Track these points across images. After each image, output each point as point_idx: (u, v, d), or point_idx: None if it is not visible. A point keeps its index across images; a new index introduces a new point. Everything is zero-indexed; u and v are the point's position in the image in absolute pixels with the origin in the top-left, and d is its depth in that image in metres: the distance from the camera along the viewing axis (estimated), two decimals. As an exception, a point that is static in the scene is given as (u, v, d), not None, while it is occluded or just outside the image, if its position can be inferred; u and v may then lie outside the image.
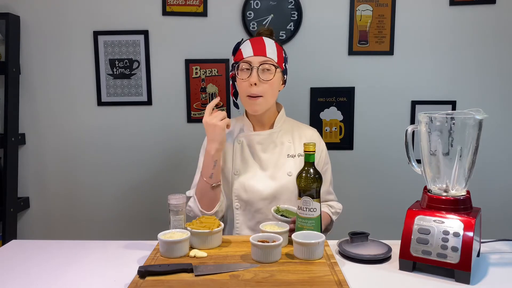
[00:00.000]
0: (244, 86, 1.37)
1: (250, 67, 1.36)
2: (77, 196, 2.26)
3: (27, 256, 1.20)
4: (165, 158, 2.24)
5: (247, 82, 1.36)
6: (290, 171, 1.43)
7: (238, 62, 1.39)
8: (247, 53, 1.37)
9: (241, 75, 1.37)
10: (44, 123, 2.22)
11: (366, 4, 2.13)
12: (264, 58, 1.36)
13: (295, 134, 1.49)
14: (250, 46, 1.38)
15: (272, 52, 1.38)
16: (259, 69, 1.35)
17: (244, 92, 1.38)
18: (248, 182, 1.41)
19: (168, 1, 2.14)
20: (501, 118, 2.18)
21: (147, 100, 2.20)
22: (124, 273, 1.06)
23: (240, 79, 1.38)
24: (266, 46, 1.38)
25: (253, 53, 1.36)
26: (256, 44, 1.38)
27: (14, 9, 2.14)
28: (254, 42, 1.39)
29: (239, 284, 0.97)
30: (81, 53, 2.18)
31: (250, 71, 1.36)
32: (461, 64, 2.17)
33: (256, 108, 1.39)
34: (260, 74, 1.35)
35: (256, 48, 1.37)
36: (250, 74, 1.35)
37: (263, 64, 1.36)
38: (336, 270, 1.04)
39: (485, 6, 2.12)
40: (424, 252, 1.04)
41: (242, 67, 1.37)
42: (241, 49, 1.40)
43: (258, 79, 1.35)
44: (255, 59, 1.36)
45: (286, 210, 1.35)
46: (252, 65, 1.35)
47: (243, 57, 1.37)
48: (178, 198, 1.24)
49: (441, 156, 1.10)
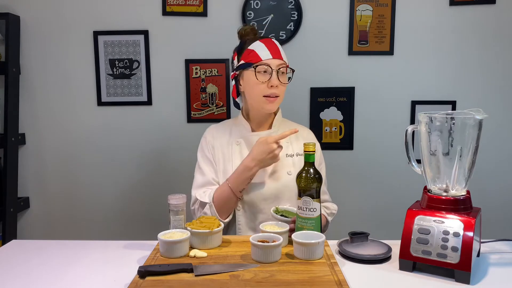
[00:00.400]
0: (261, 88, 1.38)
1: (270, 69, 1.38)
2: (77, 196, 2.26)
3: (27, 256, 1.20)
4: (165, 158, 2.24)
5: (265, 83, 1.38)
6: (289, 170, 1.44)
7: (254, 63, 1.38)
8: (265, 55, 1.38)
9: (260, 77, 1.38)
10: (44, 123, 2.22)
11: (366, 4, 2.13)
12: (281, 62, 1.39)
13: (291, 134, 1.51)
14: (265, 48, 1.39)
15: (284, 55, 1.43)
16: (278, 72, 1.38)
17: (261, 92, 1.39)
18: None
19: (168, 1, 2.14)
20: (501, 118, 2.18)
21: (147, 100, 2.20)
22: (124, 273, 1.06)
23: (259, 81, 1.38)
24: (280, 49, 1.42)
25: (272, 56, 1.38)
26: (271, 46, 1.40)
27: (14, 9, 2.14)
28: (268, 44, 1.41)
29: (239, 284, 0.97)
30: (81, 53, 2.18)
31: (270, 74, 1.37)
32: (461, 64, 2.17)
33: (273, 107, 1.42)
34: (279, 77, 1.39)
35: (273, 51, 1.39)
36: (271, 77, 1.37)
37: (280, 67, 1.39)
38: (336, 270, 1.04)
39: (485, 6, 2.12)
40: (424, 252, 1.04)
41: (261, 69, 1.38)
42: (253, 50, 1.40)
43: (278, 82, 1.38)
44: (274, 62, 1.38)
45: (285, 211, 1.36)
46: (272, 68, 1.38)
47: (261, 59, 1.38)
48: (178, 198, 1.24)
49: (441, 156, 1.10)
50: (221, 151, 1.48)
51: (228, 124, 1.55)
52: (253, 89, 1.40)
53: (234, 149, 1.47)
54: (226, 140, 1.49)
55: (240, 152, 1.46)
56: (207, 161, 1.48)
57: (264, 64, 1.37)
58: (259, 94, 1.39)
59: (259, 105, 1.42)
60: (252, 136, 1.45)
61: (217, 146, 1.49)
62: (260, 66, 1.38)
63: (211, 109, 2.21)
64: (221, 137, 1.50)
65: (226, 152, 1.47)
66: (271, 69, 1.37)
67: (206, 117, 2.21)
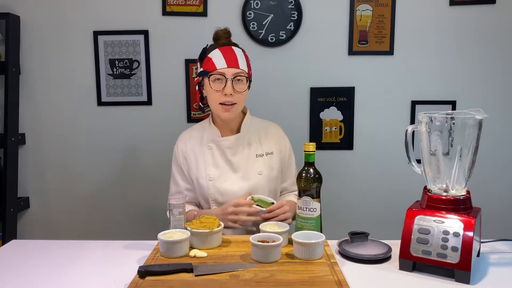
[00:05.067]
0: (217, 95, 1.41)
1: (224, 78, 1.39)
2: (77, 196, 2.26)
3: (27, 256, 1.20)
4: (165, 158, 2.23)
5: (221, 92, 1.40)
6: (260, 170, 1.48)
7: (209, 72, 1.41)
8: (220, 64, 1.40)
9: (215, 86, 1.41)
10: (44, 123, 2.22)
11: (366, 4, 2.13)
12: (238, 70, 1.41)
13: (261, 133, 1.55)
14: (222, 57, 1.41)
15: (243, 63, 1.43)
16: (233, 80, 1.40)
17: (217, 100, 1.42)
18: (223, 185, 1.46)
19: (168, 1, 2.14)
20: (501, 118, 2.18)
21: (147, 100, 2.20)
22: (124, 273, 1.06)
23: (213, 89, 1.41)
24: (238, 57, 1.42)
25: (227, 65, 1.40)
26: (228, 55, 1.41)
27: (14, 9, 2.14)
28: (225, 52, 1.42)
29: (239, 284, 0.98)
30: (81, 53, 2.18)
31: (225, 82, 1.39)
32: (461, 64, 2.17)
33: (229, 115, 1.45)
34: (234, 85, 1.40)
35: (228, 59, 1.40)
36: (225, 85, 1.39)
37: (236, 76, 1.40)
38: (336, 270, 1.04)
39: (485, 6, 2.12)
40: (424, 252, 1.04)
41: (215, 78, 1.41)
42: (211, 58, 1.42)
43: (232, 90, 1.40)
44: (229, 71, 1.40)
45: (260, 200, 1.38)
46: (226, 76, 1.40)
47: (215, 68, 1.40)
48: (178, 198, 1.24)
49: (441, 156, 1.10)
50: (194, 157, 1.52)
51: (199, 128, 1.59)
52: (210, 97, 1.45)
53: (206, 154, 1.50)
54: (199, 144, 1.53)
55: (212, 156, 1.50)
56: (179, 170, 1.55)
57: (218, 73, 1.40)
58: (216, 101, 1.43)
59: (216, 112, 1.47)
60: (222, 141, 1.50)
61: (189, 152, 1.53)
62: (214, 75, 1.40)
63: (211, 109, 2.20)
64: (193, 142, 1.54)
65: (200, 157, 1.51)
66: (225, 78, 1.39)
67: (206, 117, 2.20)
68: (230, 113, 1.44)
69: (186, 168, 1.53)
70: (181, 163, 1.54)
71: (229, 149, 1.49)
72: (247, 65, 1.46)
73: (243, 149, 1.50)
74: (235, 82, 1.40)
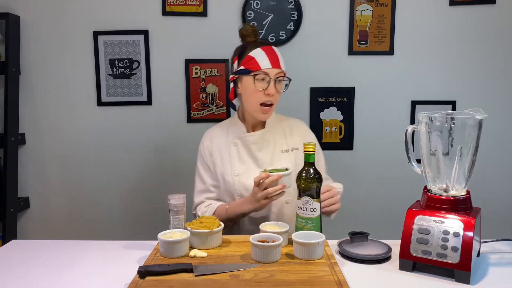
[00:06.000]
0: (258, 95, 1.42)
1: (269, 78, 1.40)
2: (77, 196, 2.26)
3: (27, 256, 1.20)
4: (165, 158, 2.24)
5: (262, 91, 1.41)
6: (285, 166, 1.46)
7: (253, 71, 1.41)
8: (265, 64, 1.40)
9: (259, 85, 1.41)
10: (44, 123, 2.22)
11: (366, 4, 2.13)
12: (279, 70, 1.42)
13: (286, 129, 1.55)
14: (266, 56, 1.41)
15: (282, 63, 1.45)
16: (276, 80, 1.42)
17: (258, 100, 1.43)
18: (248, 181, 1.45)
19: (168, 1, 2.14)
20: (501, 118, 2.18)
21: (147, 100, 2.20)
22: (124, 273, 1.06)
23: (256, 89, 1.41)
24: (279, 57, 1.44)
25: (271, 66, 1.40)
26: (271, 55, 1.42)
27: (14, 9, 2.14)
28: (268, 52, 1.42)
29: (239, 284, 0.97)
30: (81, 53, 2.18)
31: (268, 82, 1.40)
32: (461, 64, 2.17)
33: (267, 116, 1.47)
34: (276, 85, 1.42)
35: (272, 60, 1.42)
36: (269, 85, 1.40)
37: (278, 76, 1.42)
38: (336, 270, 1.04)
39: (485, 6, 2.12)
40: (424, 252, 1.04)
41: (259, 77, 1.41)
42: (254, 57, 1.42)
43: (275, 90, 1.41)
44: (273, 71, 1.41)
45: (274, 169, 1.36)
46: (270, 76, 1.41)
47: (260, 68, 1.40)
48: (178, 198, 1.24)
49: (441, 156, 1.10)
50: (219, 154, 1.51)
51: (225, 125, 1.58)
52: (250, 96, 1.44)
53: (232, 150, 1.50)
54: (224, 141, 1.53)
55: (238, 152, 1.50)
56: (205, 167, 1.54)
57: (263, 73, 1.40)
58: (256, 101, 1.43)
59: (254, 112, 1.47)
60: (247, 137, 1.49)
61: (215, 149, 1.53)
62: (259, 75, 1.41)
63: (211, 109, 2.21)
64: (218, 139, 1.54)
65: (225, 153, 1.51)
66: (269, 78, 1.40)
67: (206, 117, 2.21)
68: (268, 115, 1.46)
69: (212, 165, 1.52)
70: (207, 160, 1.53)
71: (254, 144, 1.49)
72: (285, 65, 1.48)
73: (268, 144, 1.50)
74: (276, 83, 1.42)
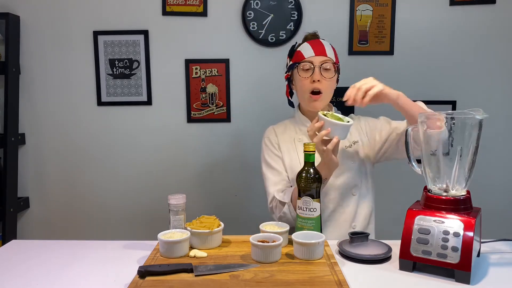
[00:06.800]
0: (306, 84, 1.43)
1: (312, 66, 1.42)
2: (77, 196, 2.26)
3: (27, 256, 1.20)
4: (165, 158, 2.24)
5: (309, 79, 1.42)
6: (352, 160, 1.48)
7: (298, 62, 1.44)
8: (308, 53, 1.44)
9: (303, 74, 1.44)
10: (44, 123, 2.22)
11: (366, 4, 2.13)
12: (325, 58, 1.44)
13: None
14: (310, 47, 1.45)
15: (331, 52, 1.46)
16: (321, 67, 1.42)
17: (307, 89, 1.43)
18: None
19: (168, 1, 2.14)
20: (502, 118, 2.18)
21: (147, 100, 2.20)
22: (124, 273, 1.06)
23: (302, 78, 1.43)
24: (325, 47, 1.46)
25: (315, 53, 1.43)
26: (315, 45, 1.46)
27: (14, 9, 2.14)
28: (313, 43, 1.46)
29: (239, 284, 0.97)
30: (81, 53, 2.18)
31: (312, 70, 1.42)
32: (461, 64, 2.17)
33: (317, 104, 1.44)
34: (322, 72, 1.42)
35: (316, 48, 1.44)
36: (313, 72, 1.41)
37: (324, 63, 1.43)
38: (336, 270, 1.04)
39: (485, 6, 2.12)
40: (424, 252, 1.04)
41: (304, 67, 1.44)
42: (300, 51, 1.46)
43: (320, 77, 1.41)
44: (317, 59, 1.43)
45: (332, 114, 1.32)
46: (314, 64, 1.42)
47: (304, 57, 1.44)
48: (178, 198, 1.24)
49: (441, 156, 1.10)
50: (286, 148, 1.52)
51: (286, 123, 1.58)
52: (299, 87, 1.46)
53: (298, 145, 1.50)
54: (288, 137, 1.53)
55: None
56: (276, 159, 1.52)
57: (306, 62, 1.43)
58: (305, 91, 1.44)
59: (306, 103, 1.47)
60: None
61: (281, 143, 1.53)
62: (302, 64, 1.44)
63: (211, 109, 2.21)
64: (283, 134, 1.54)
65: (291, 148, 1.51)
66: (313, 66, 1.42)
67: (206, 117, 2.21)
68: (319, 103, 1.44)
69: (282, 156, 1.51)
70: (277, 152, 1.52)
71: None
72: (335, 55, 1.48)
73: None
74: (322, 70, 1.42)
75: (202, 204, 2.23)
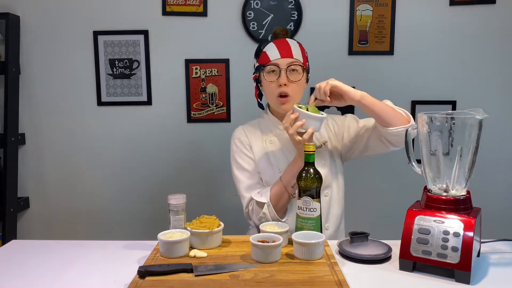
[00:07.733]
0: (273, 87, 1.40)
1: (278, 69, 1.38)
2: (77, 196, 2.26)
3: (27, 256, 1.20)
4: (165, 158, 2.24)
5: (276, 83, 1.39)
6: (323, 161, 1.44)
7: (264, 65, 1.40)
8: (274, 55, 1.39)
9: (269, 77, 1.40)
10: (44, 123, 2.22)
11: (366, 4, 2.13)
12: (291, 60, 1.39)
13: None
14: (276, 49, 1.40)
15: (297, 53, 1.41)
16: (287, 70, 1.38)
17: (274, 93, 1.40)
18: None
19: (168, 1, 2.14)
20: (501, 118, 2.18)
21: (147, 100, 2.20)
22: (124, 273, 1.06)
23: (268, 81, 1.40)
24: (292, 47, 1.41)
25: (280, 55, 1.39)
26: (281, 45, 1.40)
27: (14, 9, 2.14)
28: (279, 44, 1.41)
29: (239, 284, 0.97)
30: (81, 53, 2.18)
31: (279, 73, 1.38)
32: (461, 64, 2.17)
33: (286, 107, 1.40)
34: (289, 75, 1.39)
35: (282, 50, 1.39)
36: (279, 76, 1.38)
37: (290, 65, 1.39)
38: (336, 270, 1.04)
39: (485, 6, 2.12)
40: (424, 252, 1.04)
41: (270, 70, 1.40)
42: (265, 52, 1.41)
43: (287, 80, 1.38)
44: (283, 61, 1.39)
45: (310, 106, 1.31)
46: (280, 67, 1.38)
47: (269, 60, 1.39)
48: (178, 198, 1.24)
49: (441, 156, 1.10)
50: (258, 149, 1.48)
51: (255, 123, 1.55)
52: (266, 90, 1.43)
53: (269, 147, 1.47)
54: (259, 138, 1.50)
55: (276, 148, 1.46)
56: (248, 160, 1.48)
57: (272, 64, 1.39)
58: (273, 95, 1.41)
59: (275, 106, 1.45)
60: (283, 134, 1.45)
61: (253, 144, 1.49)
62: (268, 67, 1.39)
63: (211, 109, 2.21)
64: (253, 135, 1.50)
65: (262, 148, 1.47)
66: (279, 68, 1.38)
67: (206, 117, 2.21)
68: (287, 104, 1.40)
69: (253, 157, 1.48)
70: (249, 153, 1.48)
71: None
72: (303, 56, 1.43)
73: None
74: (289, 72, 1.38)
75: (202, 204, 2.23)
